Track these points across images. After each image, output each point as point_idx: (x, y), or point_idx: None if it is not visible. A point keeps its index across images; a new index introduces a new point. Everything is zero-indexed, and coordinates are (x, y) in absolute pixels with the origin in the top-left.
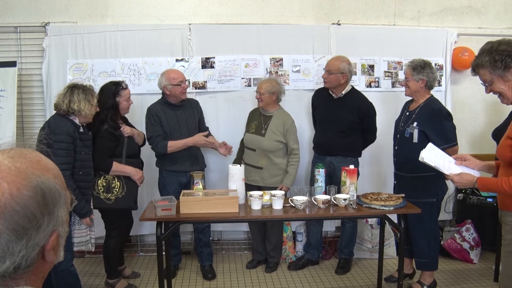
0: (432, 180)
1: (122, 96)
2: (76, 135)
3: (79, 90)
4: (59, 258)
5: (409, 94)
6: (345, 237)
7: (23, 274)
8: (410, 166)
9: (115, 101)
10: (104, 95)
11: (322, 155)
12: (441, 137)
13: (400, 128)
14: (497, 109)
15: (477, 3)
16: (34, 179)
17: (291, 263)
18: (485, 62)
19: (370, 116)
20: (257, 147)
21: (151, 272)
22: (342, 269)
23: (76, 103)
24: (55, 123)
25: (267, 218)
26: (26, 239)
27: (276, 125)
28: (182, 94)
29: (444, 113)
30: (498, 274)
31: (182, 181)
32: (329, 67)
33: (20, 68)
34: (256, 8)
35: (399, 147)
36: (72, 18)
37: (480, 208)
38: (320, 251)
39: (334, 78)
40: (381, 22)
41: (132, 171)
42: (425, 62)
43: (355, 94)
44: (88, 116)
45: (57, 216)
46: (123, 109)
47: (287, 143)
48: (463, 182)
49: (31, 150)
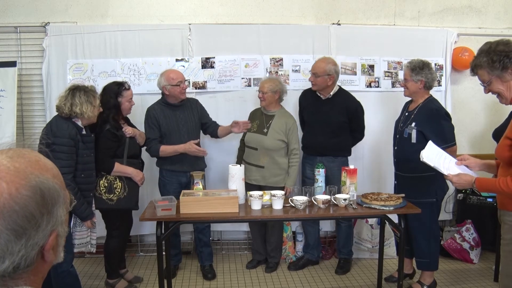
0: (432, 180)
1: (124, 96)
2: (78, 137)
3: (81, 92)
4: (59, 259)
5: (408, 95)
6: (341, 237)
7: (23, 274)
8: (409, 166)
9: (117, 101)
10: (106, 95)
11: (312, 156)
12: (439, 137)
13: (399, 129)
14: (497, 109)
15: (477, 3)
16: (33, 179)
17: (291, 263)
18: (483, 63)
19: (358, 116)
20: (259, 146)
21: (151, 272)
22: (342, 269)
23: (78, 106)
24: (57, 126)
25: (267, 218)
26: (25, 239)
27: (279, 125)
28: (181, 94)
29: (442, 113)
30: (498, 274)
31: (182, 181)
32: (315, 69)
33: (20, 68)
34: (256, 8)
35: (399, 148)
36: (72, 18)
37: (480, 208)
38: (319, 251)
39: (321, 81)
40: (381, 22)
41: (133, 172)
42: (424, 62)
43: (343, 95)
44: (91, 118)
45: (56, 215)
46: (125, 110)
47: (289, 143)
48: (462, 182)
49: (30, 150)
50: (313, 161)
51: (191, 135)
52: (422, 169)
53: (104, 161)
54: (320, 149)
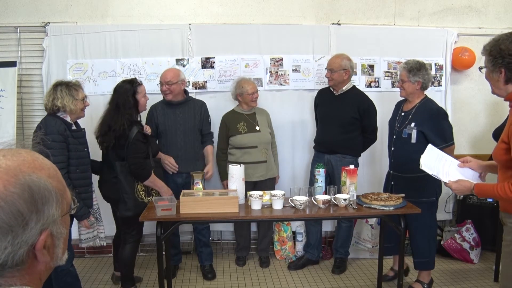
0: (432, 180)
1: (139, 93)
2: (67, 133)
3: (63, 86)
4: (58, 261)
5: (405, 96)
6: (341, 237)
7: (15, 273)
8: (409, 167)
9: (135, 99)
10: (122, 96)
11: (322, 153)
12: (439, 137)
13: (396, 129)
14: (497, 109)
15: (477, 3)
16: (23, 176)
17: (291, 263)
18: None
19: (370, 114)
20: (258, 143)
21: (151, 272)
22: (339, 269)
23: (59, 99)
24: (45, 123)
25: (267, 218)
26: (12, 236)
27: (263, 120)
28: (165, 94)
29: (442, 113)
30: (498, 274)
31: (178, 182)
32: (331, 65)
33: (20, 68)
34: (256, 8)
35: (396, 148)
36: (72, 18)
37: (480, 208)
38: (320, 250)
39: (337, 76)
40: (381, 22)
41: (163, 188)
42: (421, 63)
43: (356, 91)
44: (74, 111)
45: (47, 214)
46: (142, 106)
47: (272, 134)
48: (461, 189)
49: (29, 150)
50: (321, 159)
51: (187, 136)
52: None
53: (143, 165)
54: (330, 146)
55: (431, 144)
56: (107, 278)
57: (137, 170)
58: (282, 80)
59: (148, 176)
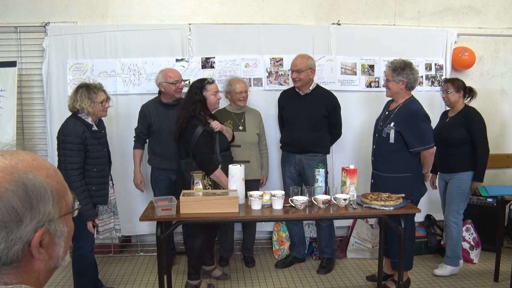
0: (408, 181)
1: (208, 90)
2: (86, 134)
3: (83, 89)
4: (59, 260)
5: (390, 95)
6: (323, 237)
7: (10, 270)
8: (386, 166)
9: (202, 95)
10: (190, 92)
11: (292, 153)
12: (417, 139)
13: (378, 128)
14: (497, 109)
15: (477, 3)
16: (18, 174)
17: (279, 262)
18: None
19: (337, 110)
20: (242, 143)
21: (151, 272)
22: (324, 269)
23: (78, 102)
24: (66, 124)
25: (267, 218)
26: (6, 232)
27: (252, 119)
28: (176, 93)
29: (421, 114)
30: (498, 274)
31: (173, 178)
32: (298, 66)
33: (20, 68)
34: (256, 8)
35: (377, 147)
36: (72, 18)
37: (480, 208)
38: (305, 248)
39: (304, 75)
40: (381, 22)
41: (227, 186)
42: (406, 63)
43: (322, 90)
44: (92, 113)
45: (42, 212)
46: (211, 104)
47: (261, 134)
48: None
49: (29, 151)
50: (292, 159)
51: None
52: (398, 169)
53: (210, 159)
54: (300, 146)
55: None
56: (108, 277)
57: (204, 163)
58: (282, 80)
59: (214, 169)
